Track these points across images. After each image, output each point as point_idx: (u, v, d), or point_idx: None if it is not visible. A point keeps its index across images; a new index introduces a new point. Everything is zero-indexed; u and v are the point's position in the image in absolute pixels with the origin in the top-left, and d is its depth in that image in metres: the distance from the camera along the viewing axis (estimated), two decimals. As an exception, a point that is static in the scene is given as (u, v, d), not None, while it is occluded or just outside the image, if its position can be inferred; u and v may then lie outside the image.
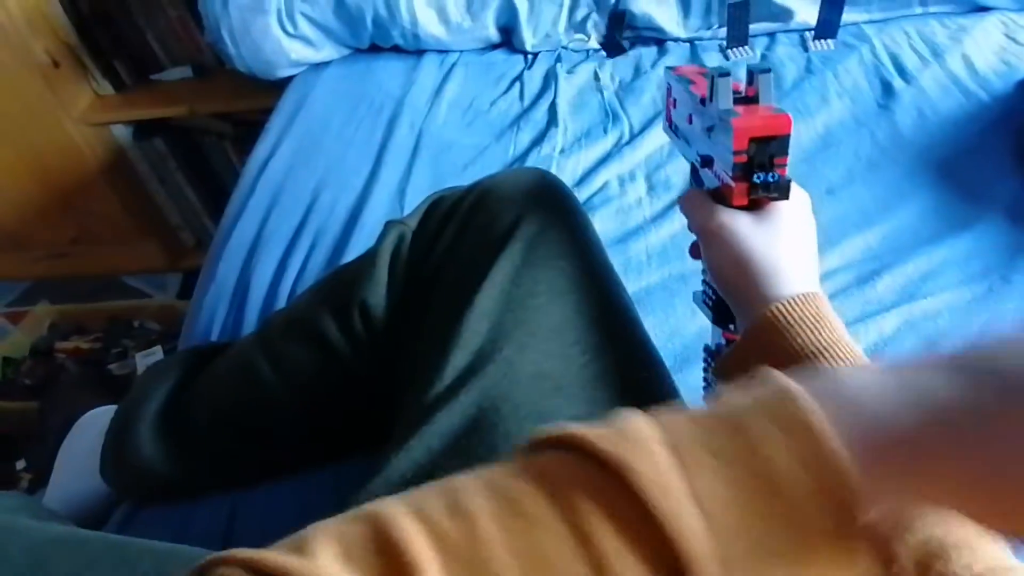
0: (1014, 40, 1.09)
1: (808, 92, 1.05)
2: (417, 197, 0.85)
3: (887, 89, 1.05)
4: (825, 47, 1.15)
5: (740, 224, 0.44)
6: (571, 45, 1.23)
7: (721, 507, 0.21)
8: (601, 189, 0.94)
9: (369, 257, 0.58)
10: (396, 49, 1.24)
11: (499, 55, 1.23)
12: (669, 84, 0.55)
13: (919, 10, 1.17)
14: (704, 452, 0.22)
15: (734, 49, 1.17)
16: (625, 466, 0.22)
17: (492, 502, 0.23)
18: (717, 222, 0.45)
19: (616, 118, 1.06)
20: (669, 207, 0.90)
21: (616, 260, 0.82)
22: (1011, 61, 1.05)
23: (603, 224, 0.88)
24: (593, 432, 0.23)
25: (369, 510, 0.24)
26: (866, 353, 0.55)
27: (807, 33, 1.17)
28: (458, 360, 0.49)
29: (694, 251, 0.52)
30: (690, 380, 0.64)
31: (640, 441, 0.23)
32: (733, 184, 0.44)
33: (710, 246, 0.46)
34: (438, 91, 1.15)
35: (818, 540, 0.21)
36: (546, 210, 0.55)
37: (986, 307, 0.74)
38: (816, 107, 1.03)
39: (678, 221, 0.87)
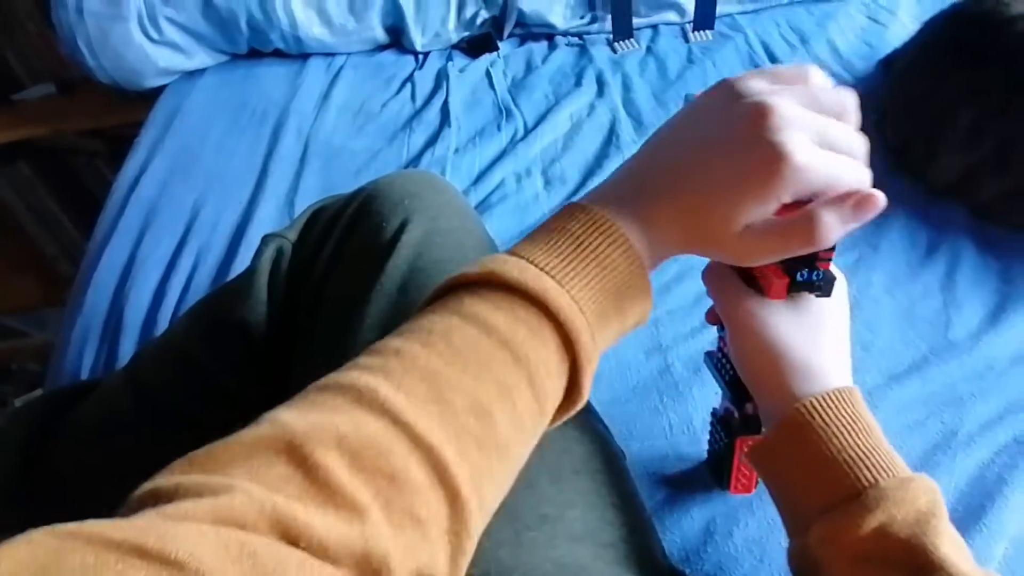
0: (875, 21, 1.17)
1: (690, 81, 1.09)
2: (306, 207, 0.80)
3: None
4: (704, 38, 1.19)
5: (774, 316, 0.41)
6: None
7: (584, 296, 0.33)
8: (498, 187, 0.93)
9: (246, 275, 0.54)
10: (278, 54, 1.19)
11: (388, 56, 1.20)
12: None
13: (788, -1, 1.23)
14: (565, 267, 0.33)
15: (620, 42, 1.18)
16: (539, 292, 0.32)
17: (431, 347, 0.31)
18: (748, 310, 0.42)
19: (509, 115, 1.05)
20: (566, 201, 0.89)
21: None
22: (872, 42, 1.12)
23: (501, 221, 0.87)
24: (503, 269, 0.33)
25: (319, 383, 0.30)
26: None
27: (687, 25, 1.21)
28: None
29: (711, 317, 0.48)
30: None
31: (530, 271, 0.33)
32: (772, 277, 0.41)
33: (738, 334, 0.43)
34: (325, 95, 1.11)
35: (631, 289, 0.35)
36: (432, 212, 0.52)
37: (857, 276, 0.78)
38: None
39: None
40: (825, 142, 0.35)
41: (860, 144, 0.37)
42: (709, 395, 0.67)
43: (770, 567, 0.54)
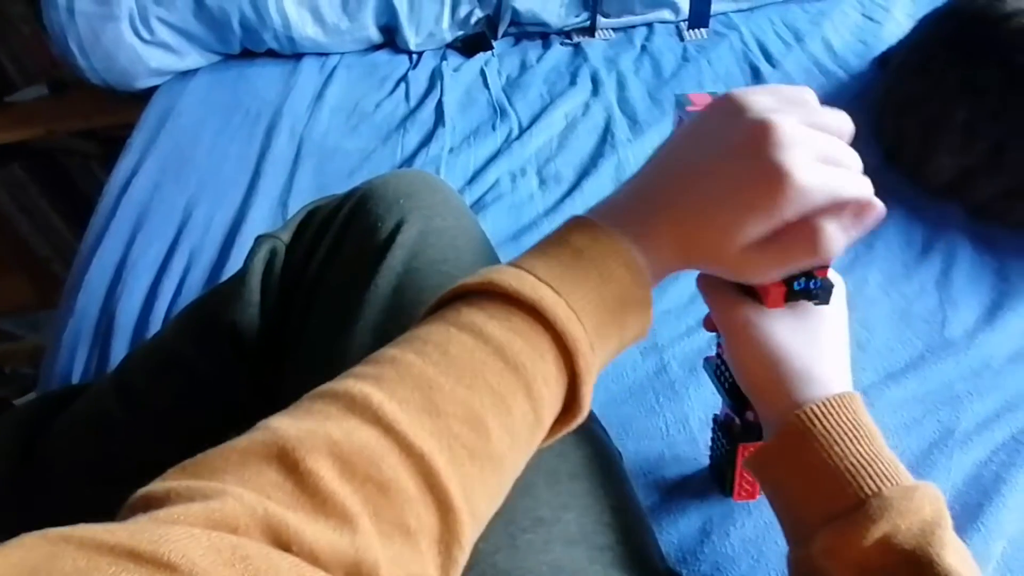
0: (870, 19, 1.17)
1: (685, 79, 1.09)
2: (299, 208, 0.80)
3: (756, 74, 1.10)
4: (699, 36, 1.19)
5: (771, 324, 0.41)
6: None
7: (583, 307, 0.33)
8: (493, 186, 0.92)
9: (238, 276, 0.54)
10: (271, 54, 1.18)
11: (382, 56, 1.20)
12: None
13: (783, -3, 1.24)
14: (564, 277, 0.33)
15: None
16: (536, 301, 0.32)
17: (421, 352, 0.31)
18: (745, 318, 0.41)
19: (504, 114, 1.05)
20: (561, 201, 0.89)
21: (510, 256, 0.79)
22: (867, 40, 1.12)
23: (496, 221, 0.86)
24: (501, 278, 0.33)
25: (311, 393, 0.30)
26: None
27: (682, 23, 1.21)
28: None
29: (708, 324, 0.47)
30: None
31: (528, 280, 0.33)
32: (769, 286, 0.40)
33: (735, 343, 0.42)
34: (319, 96, 1.10)
35: (631, 302, 0.35)
36: (428, 212, 0.52)
37: (852, 274, 0.77)
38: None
39: (571, 214, 0.85)
40: (827, 158, 0.35)
41: (857, 160, 0.37)
42: (706, 395, 0.66)
43: (767, 567, 0.54)
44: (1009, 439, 0.62)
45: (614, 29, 1.22)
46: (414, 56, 1.19)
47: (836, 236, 0.35)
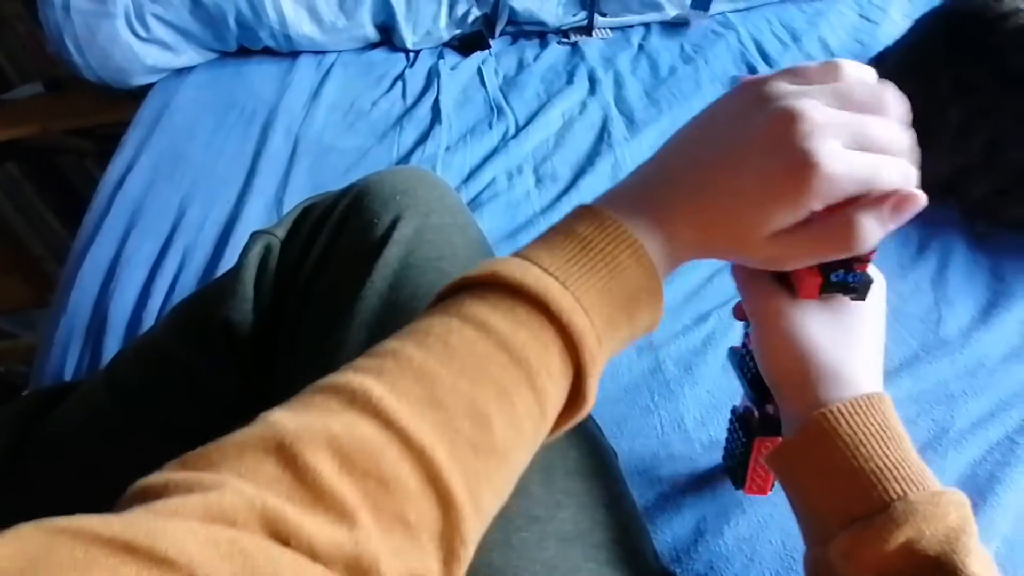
0: (867, 19, 1.17)
1: (683, 79, 1.09)
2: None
3: (752, 73, 1.09)
4: (703, 20, 1.18)
5: (805, 316, 0.39)
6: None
7: (589, 298, 0.32)
8: (489, 184, 0.92)
9: (233, 272, 0.53)
10: (268, 52, 1.18)
11: (379, 54, 1.20)
12: None
13: (780, -4, 1.24)
14: (570, 268, 0.32)
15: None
16: (541, 293, 0.31)
17: (424, 347, 0.30)
18: (776, 308, 0.40)
19: (501, 113, 1.04)
20: (557, 199, 0.89)
21: (506, 254, 0.80)
22: (864, 40, 1.12)
23: (493, 219, 0.86)
24: (505, 269, 0.32)
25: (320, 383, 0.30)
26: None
27: (689, 13, 1.21)
28: None
29: (739, 312, 0.45)
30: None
31: (532, 272, 0.32)
32: (805, 276, 0.38)
33: (764, 333, 0.40)
34: (315, 94, 1.10)
35: (640, 292, 0.33)
36: (424, 209, 0.52)
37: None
38: (690, 92, 1.06)
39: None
40: (861, 142, 0.32)
41: (901, 140, 0.34)
42: (701, 394, 0.66)
43: (760, 566, 0.54)
44: (1003, 438, 0.62)
45: (611, 28, 1.22)
46: (411, 54, 1.19)
47: (871, 229, 0.32)
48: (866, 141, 0.33)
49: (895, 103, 0.34)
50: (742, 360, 0.49)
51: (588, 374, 0.32)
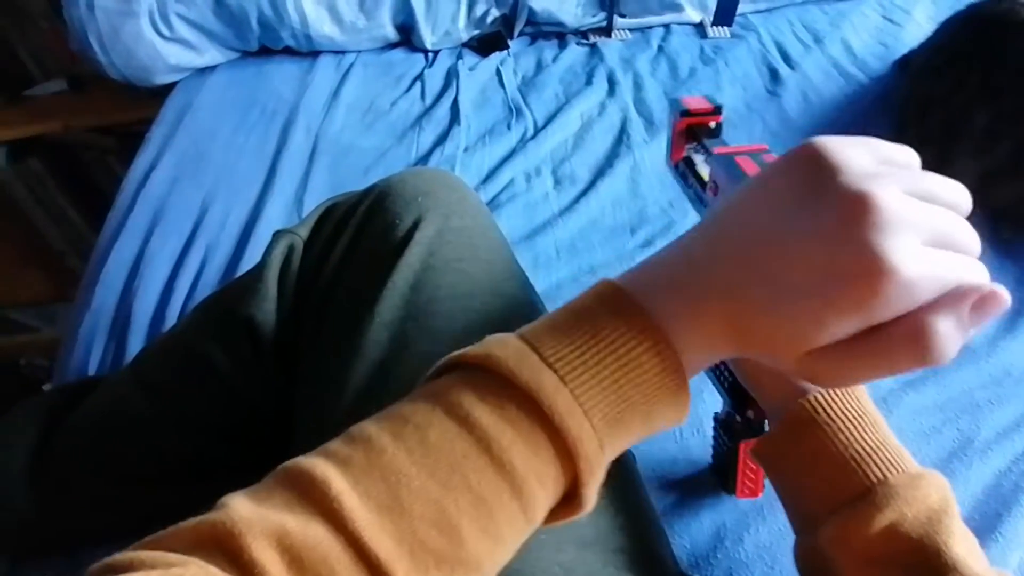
0: (891, 21, 1.15)
1: (703, 80, 1.08)
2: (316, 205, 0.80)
3: (774, 76, 1.09)
4: (722, 33, 1.18)
5: None
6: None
7: (592, 397, 0.28)
8: (507, 186, 0.92)
9: (256, 271, 0.54)
10: (289, 51, 1.19)
11: (398, 54, 1.20)
12: (712, 166, 0.45)
13: (801, -2, 1.23)
14: (577, 361, 0.28)
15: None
16: (534, 388, 0.27)
17: (389, 432, 0.28)
18: None
19: (519, 114, 1.04)
20: (576, 201, 0.89)
21: (525, 256, 0.81)
22: (887, 42, 1.11)
23: (511, 220, 0.86)
24: (501, 354, 0.28)
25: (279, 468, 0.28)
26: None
27: (705, 19, 1.20)
28: (360, 374, 0.45)
29: None
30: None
31: (529, 361, 0.28)
32: None
33: None
34: (335, 93, 1.10)
35: (657, 391, 0.29)
36: (445, 211, 0.52)
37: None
38: (710, 95, 1.05)
39: (585, 215, 0.86)
40: (943, 242, 0.27)
41: (976, 242, 0.29)
42: (719, 398, 0.66)
43: (781, 574, 0.54)
44: (1029, 448, 0.61)
45: (631, 29, 1.22)
46: (430, 55, 1.19)
47: (949, 337, 0.27)
48: (948, 241, 0.27)
49: (966, 201, 0.30)
50: (717, 369, 0.49)
51: (585, 483, 0.28)
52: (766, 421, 0.47)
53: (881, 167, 0.28)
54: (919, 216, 0.27)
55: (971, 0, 0.90)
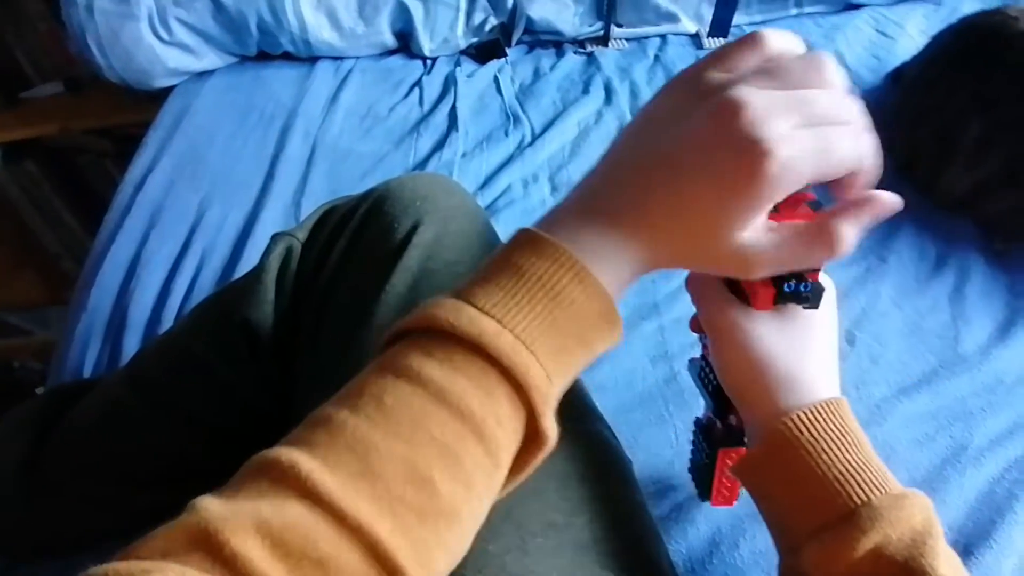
0: (884, 34, 1.16)
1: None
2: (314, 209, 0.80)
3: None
4: (717, 44, 1.19)
5: (759, 326, 0.39)
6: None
7: (531, 334, 0.30)
8: (504, 192, 0.93)
9: (254, 273, 0.54)
10: (287, 56, 1.19)
11: (397, 60, 1.21)
12: None
13: (795, 11, 1.24)
14: (511, 304, 0.30)
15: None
16: (476, 335, 0.29)
17: (351, 408, 0.28)
18: (731, 320, 0.39)
19: (517, 120, 1.05)
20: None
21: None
22: (881, 55, 1.12)
23: (508, 226, 0.86)
24: (437, 313, 0.29)
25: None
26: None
27: (701, 30, 1.21)
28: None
29: (695, 325, 0.46)
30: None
31: (467, 312, 0.29)
32: (758, 288, 0.38)
33: (720, 345, 0.41)
34: (333, 99, 1.11)
35: (589, 316, 0.31)
36: (444, 215, 0.52)
37: (865, 288, 0.77)
38: None
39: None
40: (809, 119, 0.30)
41: (849, 107, 0.31)
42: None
43: (777, 580, 0.54)
44: (1022, 456, 0.62)
45: (627, 39, 1.22)
46: (428, 62, 1.19)
47: (850, 233, 0.32)
48: (814, 117, 0.30)
49: (833, 70, 0.32)
50: (702, 372, 0.49)
51: (541, 413, 0.30)
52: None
53: (737, 73, 0.32)
54: (780, 104, 0.30)
55: (964, 14, 0.91)
